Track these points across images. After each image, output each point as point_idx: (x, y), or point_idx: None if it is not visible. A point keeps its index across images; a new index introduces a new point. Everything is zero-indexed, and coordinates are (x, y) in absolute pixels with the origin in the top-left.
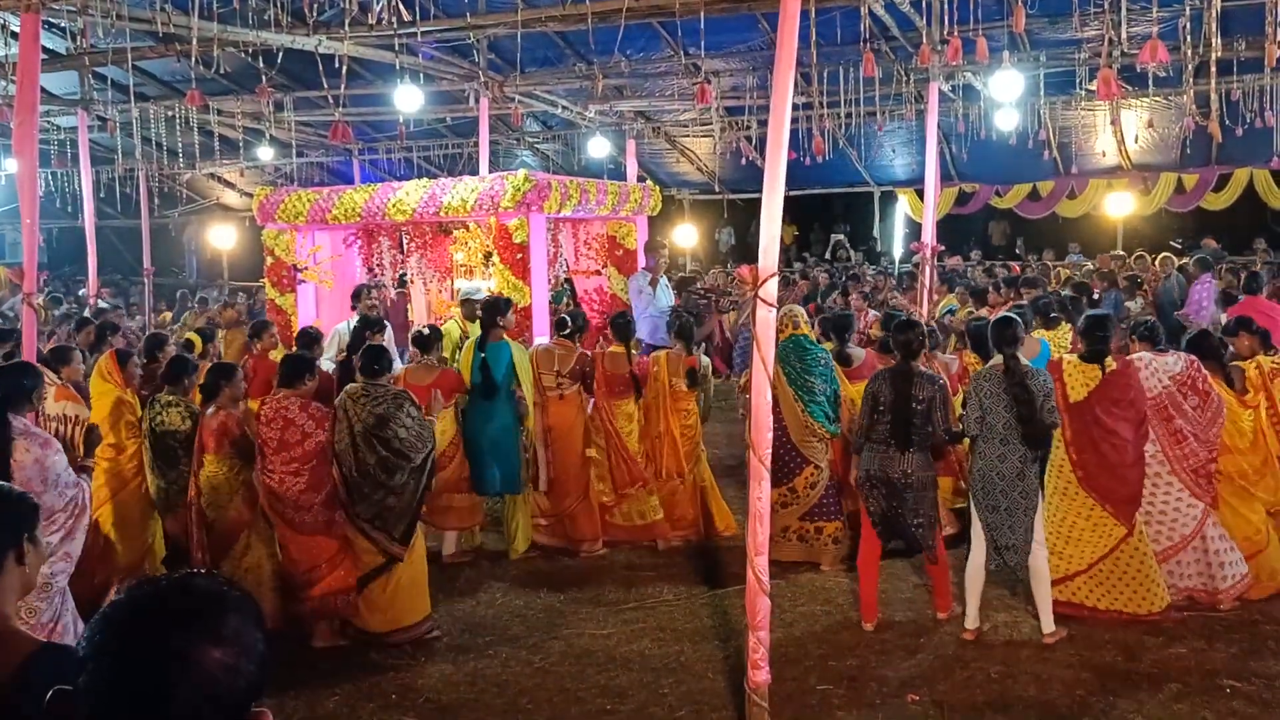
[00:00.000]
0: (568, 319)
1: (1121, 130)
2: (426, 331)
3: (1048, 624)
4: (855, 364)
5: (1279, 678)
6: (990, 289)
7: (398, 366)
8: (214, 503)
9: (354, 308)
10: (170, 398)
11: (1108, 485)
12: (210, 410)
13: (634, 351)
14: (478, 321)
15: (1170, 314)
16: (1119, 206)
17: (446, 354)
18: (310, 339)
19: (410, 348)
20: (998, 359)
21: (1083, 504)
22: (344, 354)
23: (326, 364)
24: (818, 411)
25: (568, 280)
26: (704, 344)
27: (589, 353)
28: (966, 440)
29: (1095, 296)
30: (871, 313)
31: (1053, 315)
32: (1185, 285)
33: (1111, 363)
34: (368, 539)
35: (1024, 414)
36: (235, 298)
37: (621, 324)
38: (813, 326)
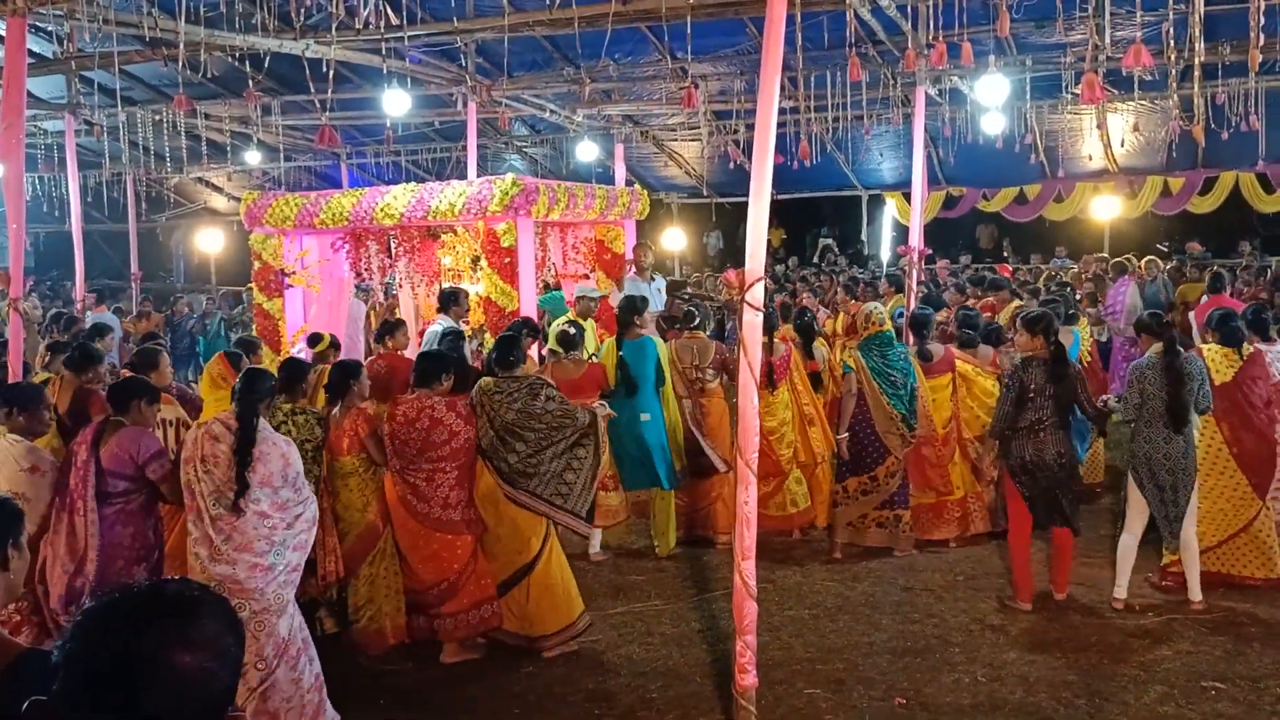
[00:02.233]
0: (694, 311)
1: (1108, 134)
2: (572, 331)
3: (1196, 592)
4: (935, 359)
5: (1263, 679)
6: (954, 289)
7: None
8: (348, 506)
9: (444, 311)
10: (289, 405)
11: (1261, 457)
12: (337, 410)
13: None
14: (590, 319)
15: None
16: (1106, 210)
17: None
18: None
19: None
20: (1157, 347)
21: (1230, 481)
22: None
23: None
24: (899, 404)
25: (555, 286)
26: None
27: (724, 345)
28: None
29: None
30: (823, 311)
31: (1071, 312)
32: (1172, 287)
33: (1249, 346)
34: (552, 519)
35: (1183, 398)
36: (149, 305)
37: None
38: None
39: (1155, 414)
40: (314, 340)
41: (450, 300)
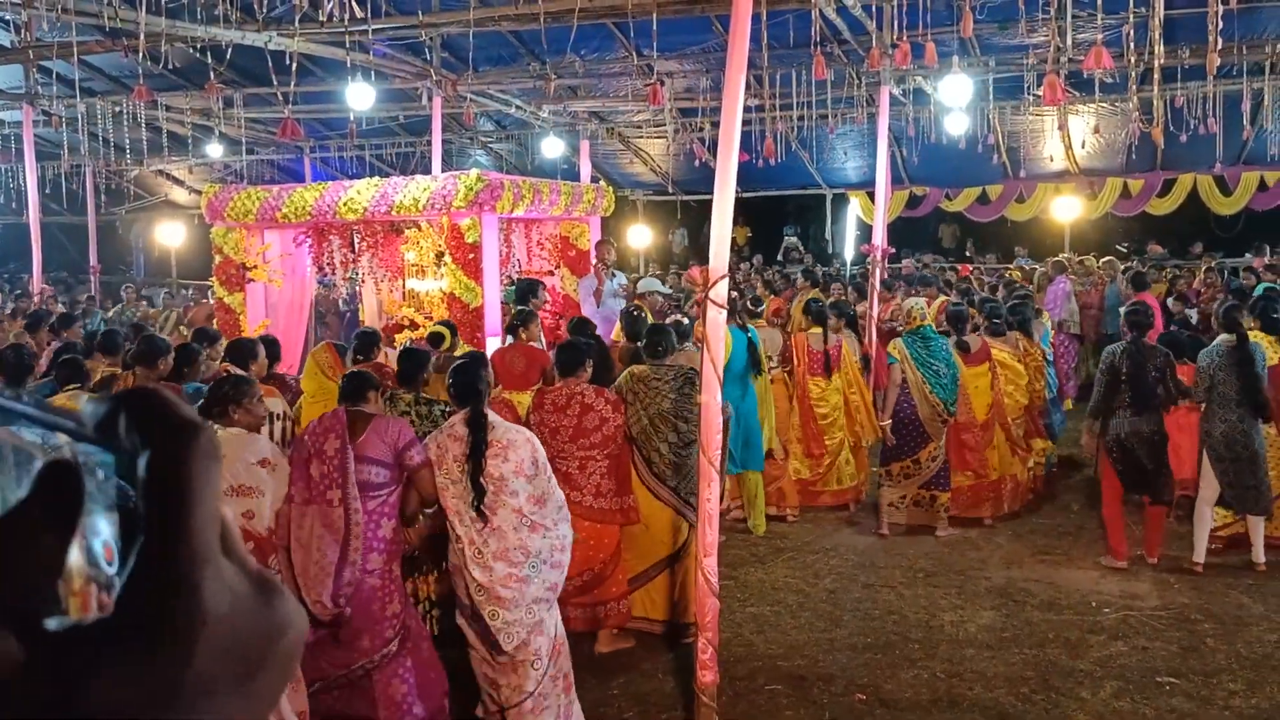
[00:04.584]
0: (759, 299)
1: (1069, 135)
2: (686, 321)
3: (1259, 554)
4: (973, 350)
5: (1216, 674)
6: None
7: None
8: None
9: (523, 303)
10: (410, 395)
11: None
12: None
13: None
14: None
15: (1115, 316)
16: (1066, 210)
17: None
18: (585, 325)
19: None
20: (1228, 338)
21: (1276, 454)
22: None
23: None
24: (941, 393)
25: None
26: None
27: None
28: None
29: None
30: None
31: (1037, 309)
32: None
33: None
34: (686, 519)
35: (1248, 384)
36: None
37: (818, 308)
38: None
39: (1225, 397)
40: (437, 340)
41: (529, 292)
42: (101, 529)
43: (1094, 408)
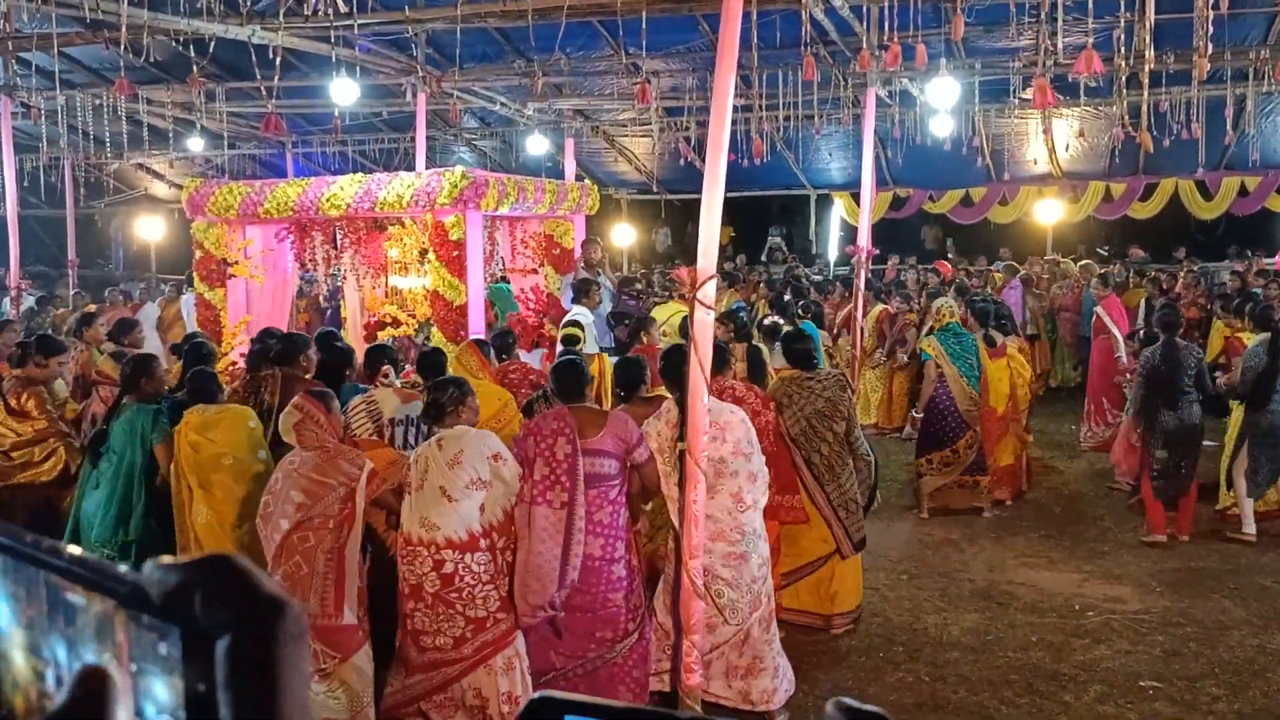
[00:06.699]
0: (811, 306)
1: (1052, 139)
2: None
3: (1249, 527)
4: (998, 344)
5: (1199, 679)
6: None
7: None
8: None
9: (577, 301)
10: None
11: None
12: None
13: None
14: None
15: (1090, 319)
16: (1049, 213)
17: None
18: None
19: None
20: (1265, 336)
21: None
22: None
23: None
24: (976, 384)
25: (503, 279)
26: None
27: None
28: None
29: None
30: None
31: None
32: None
33: None
34: (830, 528)
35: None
36: None
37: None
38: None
39: (1271, 390)
40: (572, 341)
41: (582, 292)
42: (158, 693)
43: (1138, 411)
